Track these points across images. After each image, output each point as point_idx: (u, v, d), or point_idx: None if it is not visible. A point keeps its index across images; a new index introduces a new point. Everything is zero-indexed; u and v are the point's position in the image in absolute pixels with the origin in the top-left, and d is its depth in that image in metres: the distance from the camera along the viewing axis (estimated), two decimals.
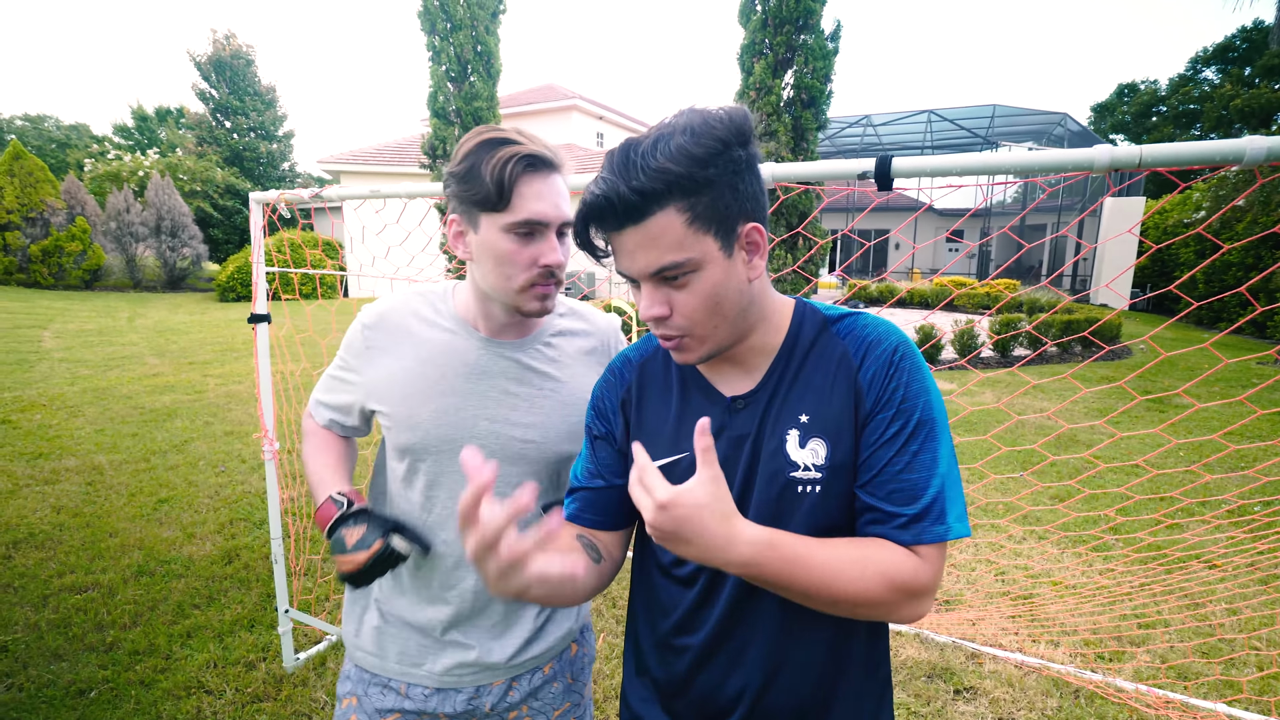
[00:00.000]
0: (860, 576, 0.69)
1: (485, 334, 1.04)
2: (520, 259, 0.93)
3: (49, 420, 5.48)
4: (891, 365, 0.75)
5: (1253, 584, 2.98)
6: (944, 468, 0.73)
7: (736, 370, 0.82)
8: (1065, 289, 18.56)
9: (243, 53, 29.32)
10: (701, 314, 0.73)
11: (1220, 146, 1.02)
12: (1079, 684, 2.35)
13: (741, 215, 0.71)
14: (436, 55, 11.61)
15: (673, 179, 0.66)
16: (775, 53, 9.51)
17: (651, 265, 0.71)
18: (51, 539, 3.38)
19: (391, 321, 1.04)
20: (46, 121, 38.78)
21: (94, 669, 2.36)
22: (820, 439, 0.76)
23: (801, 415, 0.77)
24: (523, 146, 0.91)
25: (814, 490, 0.76)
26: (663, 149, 0.67)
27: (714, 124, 0.67)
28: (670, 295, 0.73)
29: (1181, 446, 5.16)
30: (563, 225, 0.96)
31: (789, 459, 0.77)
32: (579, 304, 1.17)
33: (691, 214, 0.68)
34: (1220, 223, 12.23)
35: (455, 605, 1.05)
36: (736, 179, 0.70)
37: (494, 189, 0.89)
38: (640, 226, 0.69)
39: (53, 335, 9.85)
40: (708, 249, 0.70)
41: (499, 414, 1.02)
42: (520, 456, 1.03)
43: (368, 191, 2.04)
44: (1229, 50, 27.46)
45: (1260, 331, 12.09)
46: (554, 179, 0.95)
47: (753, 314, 0.78)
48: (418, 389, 1.01)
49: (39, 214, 16.00)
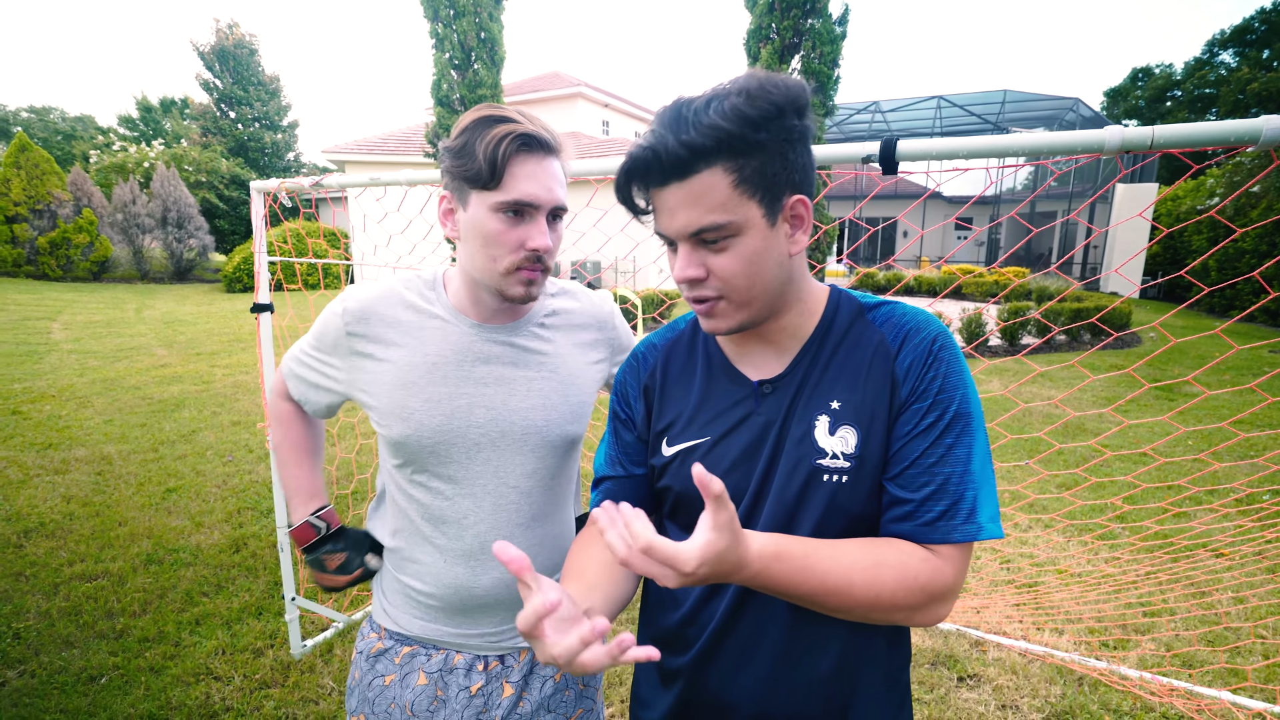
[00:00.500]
0: (875, 580, 0.66)
1: (477, 320, 1.01)
2: (507, 240, 0.90)
3: (58, 411, 5.54)
4: (930, 355, 0.72)
5: (1260, 572, 2.96)
6: (978, 465, 0.70)
7: (765, 353, 0.80)
8: (1075, 276, 18.37)
9: (246, 42, 29.20)
10: (739, 280, 0.71)
11: (1235, 126, 1.00)
12: (1083, 671, 2.34)
13: (789, 186, 0.69)
14: (440, 43, 11.53)
15: (723, 136, 0.64)
16: (782, 37, 9.39)
17: (692, 225, 0.68)
18: (62, 528, 3.42)
19: (380, 315, 1.00)
20: (52, 113, 38.85)
21: (104, 656, 2.40)
22: (851, 427, 0.73)
23: (833, 401, 0.75)
24: (519, 125, 0.88)
25: (841, 480, 0.73)
26: (716, 107, 0.65)
27: (771, 89, 0.65)
28: (707, 258, 0.70)
29: (1190, 435, 5.12)
30: (555, 209, 0.94)
31: (816, 445, 0.74)
32: (570, 283, 1.14)
33: (738, 176, 0.66)
34: (1234, 210, 12.05)
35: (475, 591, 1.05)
36: (788, 147, 0.68)
37: (486, 166, 0.87)
38: (684, 183, 0.67)
39: (61, 327, 9.93)
40: (751, 214, 0.68)
41: (497, 400, 0.99)
42: (522, 442, 1.01)
43: (367, 180, 2.03)
44: (1247, 32, 26.88)
45: (1273, 319, 11.94)
46: (549, 162, 0.92)
47: (789, 292, 0.76)
48: (410, 380, 0.98)
49: (46, 206, 16.07)
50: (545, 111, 19.93)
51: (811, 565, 0.65)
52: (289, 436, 1.14)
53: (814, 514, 0.74)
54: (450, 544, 1.02)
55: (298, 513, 1.12)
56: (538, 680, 1.08)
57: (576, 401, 1.05)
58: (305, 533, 1.10)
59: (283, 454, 1.15)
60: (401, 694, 1.04)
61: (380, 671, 1.06)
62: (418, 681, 1.05)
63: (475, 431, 0.98)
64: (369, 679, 1.07)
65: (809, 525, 0.74)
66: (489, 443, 0.99)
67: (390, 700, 1.04)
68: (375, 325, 1.00)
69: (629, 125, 23.04)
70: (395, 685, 1.05)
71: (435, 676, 1.05)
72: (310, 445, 1.16)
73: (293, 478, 1.14)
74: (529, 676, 1.08)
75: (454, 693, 1.04)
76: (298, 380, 1.09)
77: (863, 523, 0.74)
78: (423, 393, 0.97)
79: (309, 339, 1.08)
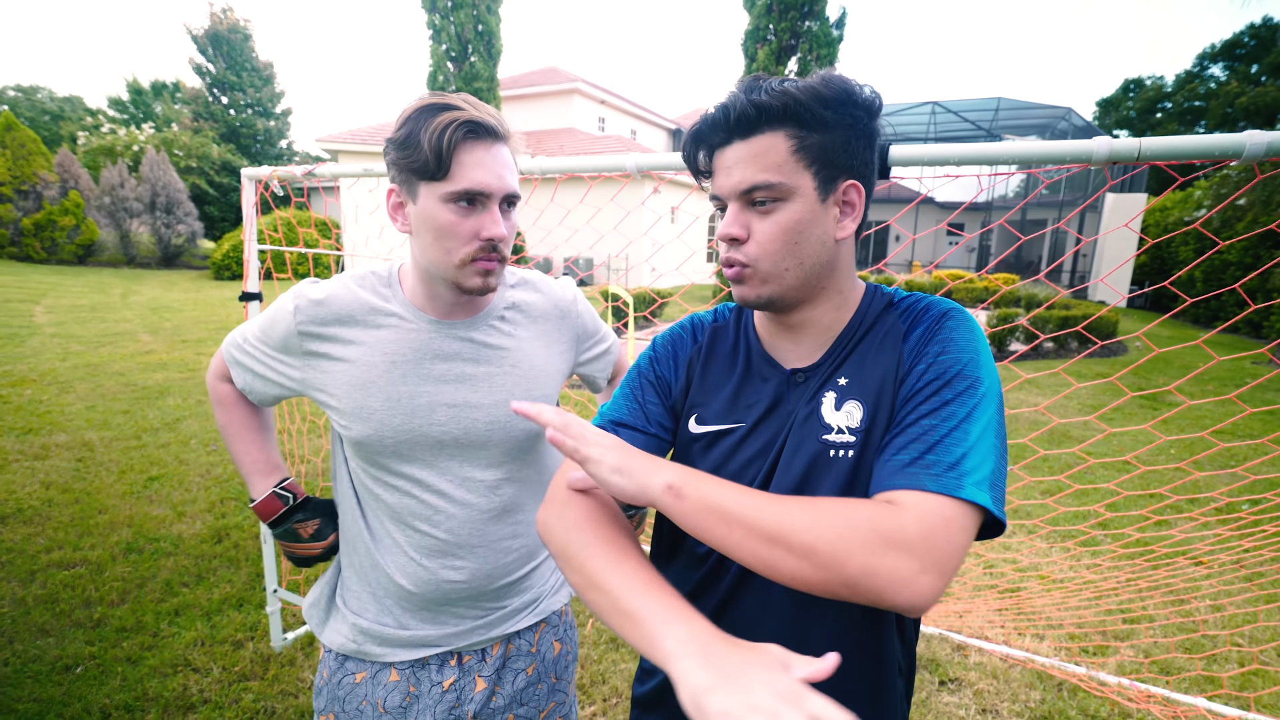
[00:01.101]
0: (814, 516, 0.58)
1: (435, 316, 0.98)
2: (460, 231, 0.88)
3: (39, 396, 5.46)
4: (936, 326, 0.72)
5: (1237, 581, 3.01)
6: (977, 430, 0.63)
7: (802, 343, 0.80)
8: (1065, 284, 18.56)
9: (240, 27, 28.88)
10: (777, 246, 0.71)
11: (1220, 140, 1.00)
12: (1063, 677, 2.37)
13: (847, 170, 0.71)
14: (437, 34, 11.46)
15: (790, 103, 0.68)
16: (779, 39, 9.40)
17: (745, 181, 0.70)
18: (40, 514, 3.37)
19: (334, 314, 0.96)
20: (39, 93, 38.22)
21: (81, 645, 2.37)
22: (857, 401, 0.73)
23: (840, 379, 0.75)
24: (463, 112, 0.85)
25: (846, 455, 0.72)
26: (791, 82, 0.70)
27: (848, 81, 0.70)
28: (751, 220, 0.72)
29: (1173, 444, 5.19)
30: (507, 196, 0.91)
31: (822, 421, 0.74)
32: (530, 273, 1.11)
33: (799, 143, 0.69)
34: (1221, 222, 12.20)
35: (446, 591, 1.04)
36: (852, 135, 0.71)
37: (432, 157, 0.84)
38: (747, 141, 0.70)
39: (44, 310, 9.78)
40: (803, 183, 0.70)
41: (458, 397, 0.97)
42: (485, 439, 0.99)
43: (360, 170, 2.01)
44: (1237, 47, 27.23)
45: (1256, 331, 12.12)
46: (498, 148, 0.89)
47: (828, 279, 0.76)
48: (368, 379, 0.95)
49: (31, 187, 15.82)
50: (541, 107, 19.86)
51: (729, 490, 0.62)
52: (234, 416, 1.10)
53: (821, 491, 0.73)
54: (420, 541, 1.00)
55: (258, 487, 1.10)
56: (510, 674, 1.08)
57: (540, 395, 1.03)
58: (271, 504, 1.09)
59: (231, 432, 1.11)
60: (373, 691, 1.02)
61: (350, 670, 1.04)
62: (389, 678, 1.03)
63: (437, 430, 0.96)
64: (338, 677, 1.04)
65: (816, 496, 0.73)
66: (452, 440, 0.97)
67: (361, 698, 1.02)
68: (330, 325, 0.96)
69: (625, 122, 22.99)
70: (366, 683, 1.03)
71: (407, 673, 1.03)
72: (259, 422, 1.13)
73: (246, 454, 1.10)
74: (501, 671, 1.07)
75: (426, 688, 1.03)
76: (242, 369, 1.05)
77: (858, 495, 0.72)
78: (382, 393, 0.95)
79: (254, 329, 1.03)
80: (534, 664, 1.11)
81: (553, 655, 1.14)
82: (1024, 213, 21.39)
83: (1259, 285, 11.71)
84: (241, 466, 1.11)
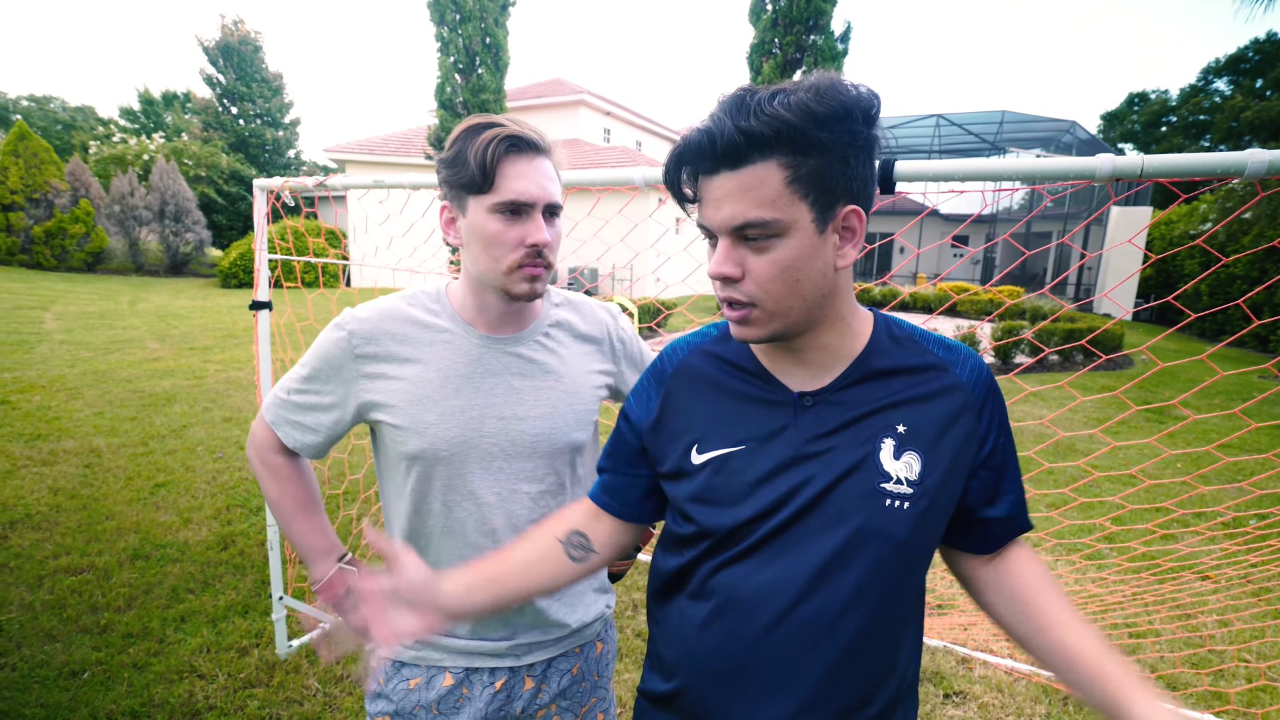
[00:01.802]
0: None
1: (485, 331, 1.03)
2: (507, 239, 0.94)
3: (48, 402, 5.50)
4: (999, 404, 0.78)
5: (1244, 596, 2.99)
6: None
7: (805, 369, 0.77)
8: (1070, 298, 18.52)
9: (251, 39, 29.24)
10: (775, 285, 0.67)
11: (1222, 158, 1.02)
12: (1067, 691, 2.35)
13: (846, 194, 0.66)
14: (445, 46, 11.59)
15: (783, 128, 0.61)
16: (784, 52, 9.48)
17: (737, 218, 0.65)
18: (48, 520, 3.39)
19: (388, 333, 1.00)
20: (52, 103, 38.76)
21: (87, 650, 2.38)
22: (916, 453, 0.72)
23: (899, 425, 0.73)
24: (506, 128, 0.92)
25: (901, 506, 0.71)
26: (782, 99, 0.62)
27: (842, 90, 0.63)
28: (746, 257, 0.67)
29: (1179, 458, 5.16)
30: (549, 206, 0.97)
31: (880, 468, 0.72)
32: (574, 295, 1.17)
33: (793, 173, 0.63)
34: (1227, 236, 12.20)
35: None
36: (850, 153, 0.64)
37: (478, 171, 0.91)
38: (736, 173, 0.64)
39: (54, 317, 9.87)
40: (800, 216, 0.64)
41: (506, 410, 1.02)
42: (532, 450, 1.04)
43: (371, 181, 2.04)
44: (1241, 61, 27.33)
45: (1263, 345, 12.06)
46: (539, 161, 0.96)
47: (830, 308, 0.73)
48: (425, 395, 0.99)
49: (43, 195, 16.02)
50: (547, 118, 20.01)
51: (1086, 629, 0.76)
52: (289, 491, 1.08)
53: (864, 536, 0.71)
54: (469, 551, 1.04)
55: (322, 567, 1.09)
56: (556, 674, 1.13)
57: (581, 409, 1.07)
58: (340, 580, 1.09)
59: (286, 510, 1.08)
60: (426, 695, 1.07)
61: (406, 675, 1.08)
62: (444, 682, 1.07)
63: (487, 442, 1.01)
64: (394, 683, 1.08)
65: (854, 548, 0.72)
66: (500, 452, 1.02)
67: (415, 702, 1.07)
68: (385, 344, 1.00)
69: (630, 134, 23.15)
70: (420, 687, 1.07)
71: (460, 675, 1.08)
72: (312, 496, 1.12)
73: (307, 535, 1.09)
74: (548, 670, 1.12)
75: (479, 691, 1.08)
76: (291, 426, 1.04)
77: (911, 551, 0.73)
78: (438, 407, 0.99)
79: (294, 380, 1.04)
80: (578, 664, 1.16)
81: (595, 654, 1.19)
82: (1029, 226, 21.40)
83: (1265, 299, 11.67)
84: (302, 548, 1.09)
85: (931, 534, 0.75)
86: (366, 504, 3.61)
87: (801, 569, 0.73)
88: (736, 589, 0.76)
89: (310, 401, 1.03)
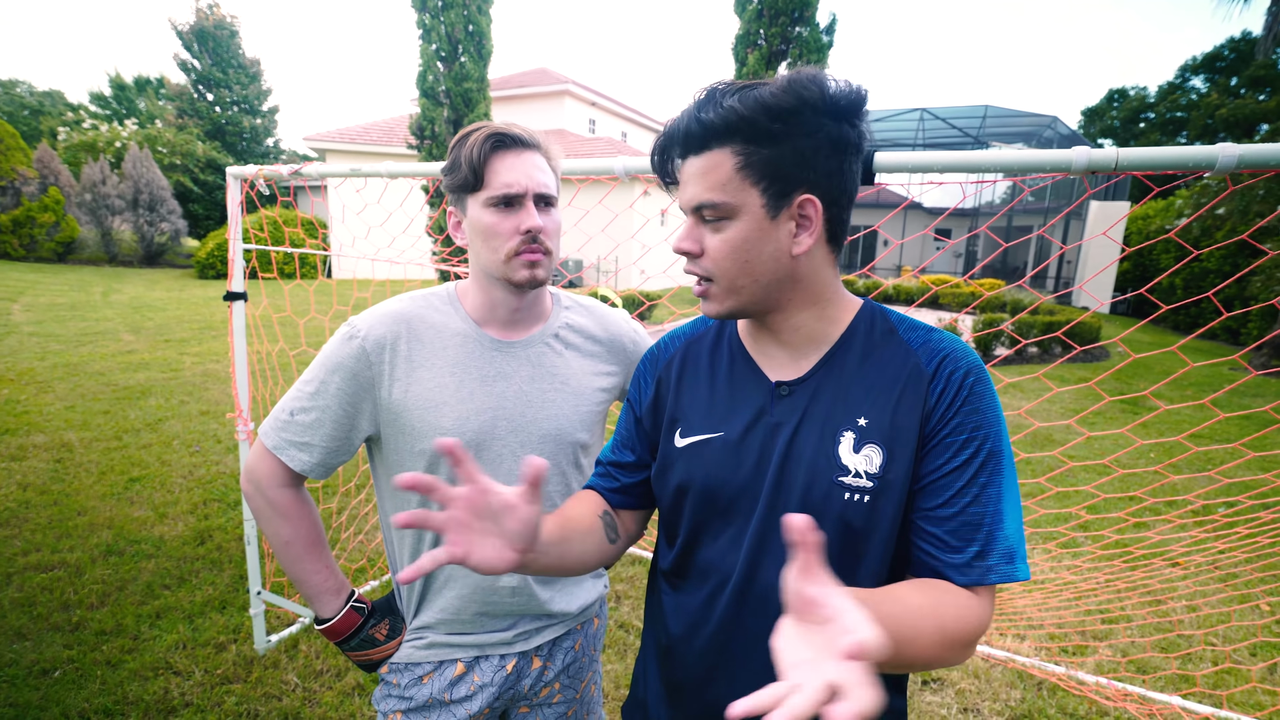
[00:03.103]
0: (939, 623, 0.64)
1: (496, 334, 1.06)
2: (502, 229, 0.97)
3: (17, 395, 5.36)
4: (965, 388, 0.71)
5: (1212, 582, 3.07)
6: (1008, 505, 0.70)
7: (785, 354, 0.79)
8: (1049, 291, 18.82)
9: (227, 23, 28.57)
10: (727, 263, 0.72)
11: (1194, 152, 1.03)
12: (1042, 676, 2.40)
13: (803, 183, 0.69)
14: (427, 34, 11.40)
15: (734, 120, 0.67)
16: (770, 44, 9.46)
17: (694, 199, 0.72)
18: (17, 516, 3.31)
19: (403, 337, 1.01)
20: (18, 86, 37.55)
21: (59, 649, 2.33)
22: (877, 446, 0.72)
23: (860, 419, 0.73)
24: (490, 128, 0.97)
25: (860, 499, 0.72)
26: (743, 94, 0.67)
27: (806, 86, 0.66)
28: (704, 235, 0.73)
29: (1152, 447, 5.28)
30: (541, 196, 0.99)
31: (839, 462, 0.73)
32: (584, 298, 1.20)
33: (744, 159, 0.68)
34: (1202, 230, 12.44)
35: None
36: (808, 145, 0.67)
37: (469, 171, 0.97)
38: (698, 158, 0.71)
39: (22, 309, 9.61)
40: (748, 200, 0.69)
41: (516, 411, 1.04)
42: (539, 449, 1.07)
43: (348, 170, 2.00)
44: (1217, 60, 27.79)
45: (1234, 338, 12.36)
46: (527, 154, 0.99)
47: (793, 291, 0.75)
48: (440, 400, 1.00)
49: (10, 183, 15.53)
50: (532, 108, 19.83)
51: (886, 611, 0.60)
52: (300, 530, 1.03)
53: (824, 527, 0.71)
54: None
55: (331, 607, 1.06)
56: (560, 652, 1.18)
57: (586, 412, 1.11)
58: (350, 620, 1.07)
59: (295, 552, 1.03)
60: (438, 686, 1.09)
61: (417, 673, 1.10)
62: (455, 672, 1.09)
63: (498, 444, 1.04)
64: (405, 680, 1.09)
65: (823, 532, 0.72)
66: (509, 452, 1.05)
67: (428, 696, 1.09)
68: (400, 349, 1.00)
69: (615, 125, 23.02)
70: (434, 680, 1.09)
71: (470, 662, 1.10)
72: (320, 533, 1.08)
73: (316, 574, 1.05)
74: (553, 649, 1.17)
75: (490, 675, 1.11)
76: (298, 448, 1.00)
77: (869, 543, 0.73)
78: (454, 411, 1.01)
79: (296, 400, 1.00)
80: (580, 640, 1.21)
81: (593, 630, 1.25)
82: (1010, 219, 21.67)
83: (1236, 293, 11.95)
84: (307, 587, 1.05)
85: (892, 523, 0.73)
86: (346, 497, 3.57)
87: (756, 549, 0.76)
88: (711, 567, 0.80)
89: (317, 419, 0.99)
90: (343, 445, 1.02)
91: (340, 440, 1.01)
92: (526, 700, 1.16)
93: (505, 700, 1.14)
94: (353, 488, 3.69)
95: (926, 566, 0.71)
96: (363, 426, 1.02)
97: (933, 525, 0.71)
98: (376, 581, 2.93)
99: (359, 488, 3.75)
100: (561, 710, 1.20)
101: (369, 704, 2.17)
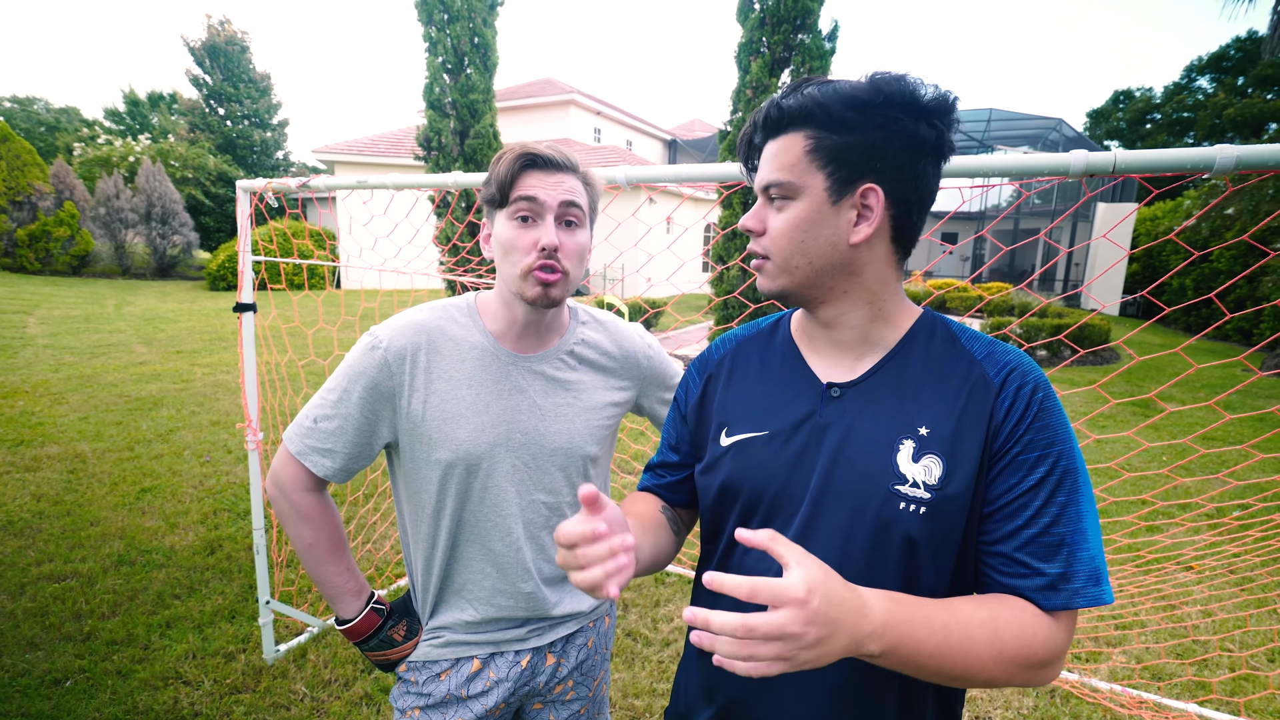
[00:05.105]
0: (995, 639, 0.62)
1: (513, 348, 1.07)
2: (521, 243, 0.98)
3: (31, 407, 5.43)
4: (1035, 403, 0.68)
5: (1227, 586, 3.03)
6: (1091, 524, 0.67)
7: (840, 355, 0.78)
8: (1058, 293, 18.68)
9: (237, 39, 29.00)
10: (784, 240, 0.74)
11: (1192, 154, 1.03)
12: (1055, 684, 2.38)
13: (869, 173, 0.70)
14: (433, 46, 11.53)
15: (811, 107, 0.70)
16: (773, 51, 9.50)
17: (764, 179, 0.75)
18: (31, 527, 3.35)
19: (423, 348, 1.02)
20: (35, 104, 38.22)
21: (70, 658, 2.35)
22: (937, 458, 0.70)
23: (922, 427, 0.71)
24: (525, 146, 0.99)
25: (916, 510, 0.69)
26: (823, 84, 0.71)
27: (887, 80, 0.69)
28: (768, 214, 0.76)
29: (1163, 450, 5.22)
30: (561, 213, 0.99)
31: (897, 470, 0.70)
32: (600, 313, 1.20)
33: (814, 143, 0.70)
34: (1211, 231, 12.34)
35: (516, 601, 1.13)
36: (881, 138, 0.69)
37: (497, 188, 0.99)
38: (775, 140, 0.74)
39: (38, 321, 9.75)
40: (812, 183, 0.71)
41: (529, 425, 1.06)
42: (550, 461, 1.09)
43: (354, 182, 2.03)
44: (1223, 59, 27.64)
45: (1246, 338, 12.22)
46: (558, 175, 0.99)
47: (849, 282, 0.74)
48: (457, 411, 1.02)
49: (26, 198, 15.79)
50: (537, 118, 19.97)
51: (932, 617, 0.60)
52: (323, 534, 1.06)
53: (876, 536, 0.70)
54: (490, 563, 1.09)
55: (352, 608, 1.09)
56: (574, 649, 1.20)
57: (596, 426, 1.12)
58: (370, 620, 1.10)
59: (318, 554, 1.06)
60: (455, 682, 1.11)
61: (434, 671, 1.12)
62: (471, 668, 1.11)
63: (511, 456, 1.06)
64: (422, 677, 1.12)
65: (864, 546, 0.70)
66: (523, 465, 1.07)
67: (445, 692, 1.11)
68: (420, 359, 1.02)
69: (620, 133, 23.13)
70: (450, 677, 1.11)
71: (486, 659, 1.13)
72: (341, 536, 1.10)
73: (338, 576, 1.08)
74: (567, 646, 1.19)
75: (505, 670, 1.13)
76: (321, 454, 1.02)
77: (925, 556, 0.70)
78: (469, 422, 1.03)
79: (320, 406, 1.03)
80: (592, 638, 1.23)
81: (604, 628, 1.27)
82: (1018, 222, 21.57)
83: (1248, 293, 11.83)
84: (329, 588, 1.08)
85: (950, 537, 0.70)
86: (355, 506, 3.59)
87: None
88: (752, 571, 0.76)
89: (339, 426, 1.01)
90: (363, 451, 1.04)
91: (361, 447, 1.03)
92: (541, 696, 1.18)
93: (520, 696, 1.15)
94: (360, 497, 3.71)
95: (1006, 590, 0.68)
96: (383, 434, 1.04)
97: (1010, 548, 0.68)
98: (384, 590, 2.94)
99: (366, 497, 3.77)
100: (575, 708, 1.22)
101: (377, 714, 2.17)
